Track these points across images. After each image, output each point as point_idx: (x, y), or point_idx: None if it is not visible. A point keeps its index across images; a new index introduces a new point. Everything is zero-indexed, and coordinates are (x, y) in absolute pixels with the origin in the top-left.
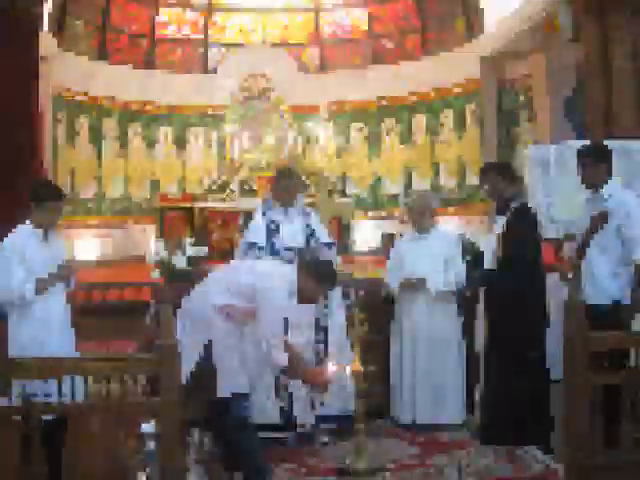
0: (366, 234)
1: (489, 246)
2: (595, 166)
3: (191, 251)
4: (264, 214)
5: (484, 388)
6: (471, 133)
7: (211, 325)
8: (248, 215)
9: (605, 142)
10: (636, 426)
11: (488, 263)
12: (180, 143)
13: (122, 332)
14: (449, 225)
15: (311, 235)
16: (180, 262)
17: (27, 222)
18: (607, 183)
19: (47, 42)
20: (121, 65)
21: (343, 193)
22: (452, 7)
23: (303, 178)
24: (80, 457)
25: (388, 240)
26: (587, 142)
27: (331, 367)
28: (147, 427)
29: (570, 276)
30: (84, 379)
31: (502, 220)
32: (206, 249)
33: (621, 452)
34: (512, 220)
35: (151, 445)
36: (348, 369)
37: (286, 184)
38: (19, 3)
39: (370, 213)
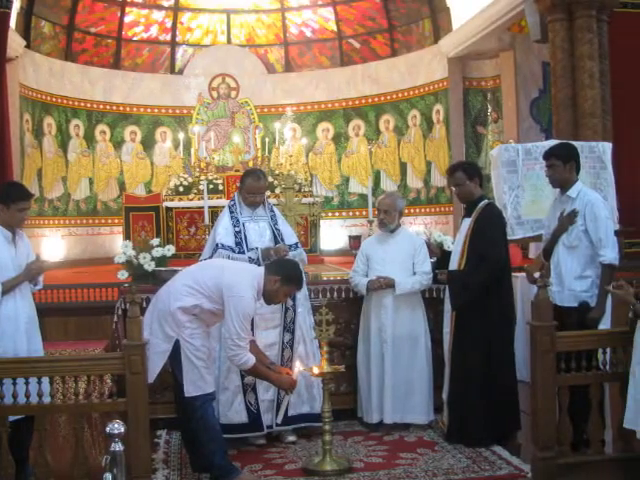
0: (334, 234)
1: (455, 246)
2: (562, 166)
3: (158, 251)
4: (231, 214)
5: (451, 388)
6: (438, 133)
7: (178, 325)
8: (215, 215)
9: (572, 142)
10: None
11: (454, 263)
12: (147, 143)
13: (89, 332)
14: (416, 226)
15: (277, 235)
16: (147, 262)
17: None
18: (574, 183)
19: (14, 42)
20: (88, 65)
21: (310, 193)
22: (419, 8)
23: (270, 178)
24: (47, 457)
25: (355, 240)
26: (554, 142)
27: (298, 367)
28: (113, 427)
29: (537, 276)
30: (50, 379)
31: (468, 220)
32: (173, 249)
33: (587, 452)
34: (480, 220)
35: (118, 445)
36: (315, 369)
37: (253, 184)
38: None
39: (337, 213)
